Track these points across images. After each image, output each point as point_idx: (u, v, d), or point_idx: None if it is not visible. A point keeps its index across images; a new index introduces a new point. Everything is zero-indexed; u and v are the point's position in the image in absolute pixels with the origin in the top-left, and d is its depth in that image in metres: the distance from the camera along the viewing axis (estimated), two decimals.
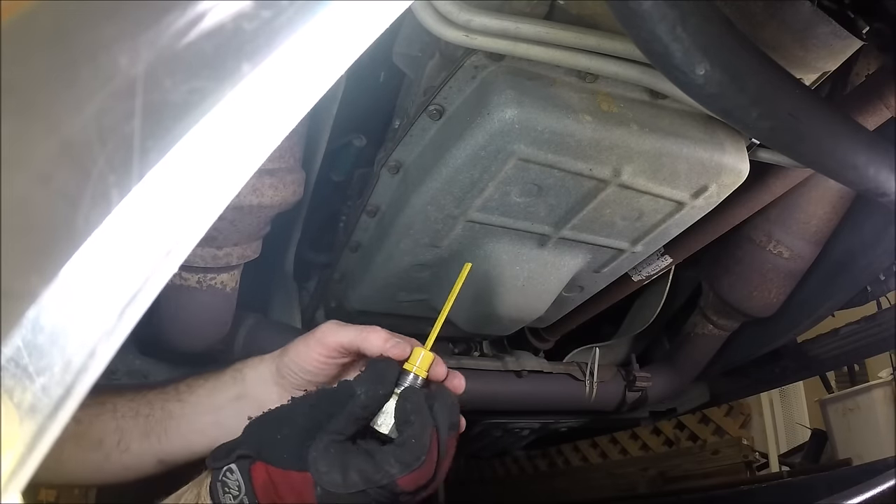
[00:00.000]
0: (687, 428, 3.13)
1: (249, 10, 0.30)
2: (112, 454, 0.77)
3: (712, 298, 1.38)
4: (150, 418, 0.78)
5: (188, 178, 0.29)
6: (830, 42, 0.72)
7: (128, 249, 0.28)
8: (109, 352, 0.28)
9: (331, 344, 0.73)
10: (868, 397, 2.56)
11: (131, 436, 0.77)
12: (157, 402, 0.80)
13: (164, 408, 0.79)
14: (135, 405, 0.79)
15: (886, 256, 1.19)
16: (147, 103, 0.28)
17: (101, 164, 0.27)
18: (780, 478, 2.21)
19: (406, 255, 0.98)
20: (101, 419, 0.78)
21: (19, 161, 0.28)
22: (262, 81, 0.29)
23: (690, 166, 0.83)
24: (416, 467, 0.60)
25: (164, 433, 0.78)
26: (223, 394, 0.79)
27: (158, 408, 0.79)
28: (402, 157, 0.91)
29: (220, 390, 0.80)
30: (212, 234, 0.85)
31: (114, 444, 0.77)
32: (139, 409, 0.79)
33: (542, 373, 1.39)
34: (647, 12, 0.46)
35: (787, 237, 1.20)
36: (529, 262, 0.99)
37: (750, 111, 0.53)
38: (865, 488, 0.83)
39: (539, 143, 0.75)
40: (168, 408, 0.79)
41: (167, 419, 0.78)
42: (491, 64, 0.75)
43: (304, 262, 1.29)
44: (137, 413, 0.79)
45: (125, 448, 0.77)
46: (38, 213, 0.28)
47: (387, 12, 0.32)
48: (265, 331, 1.12)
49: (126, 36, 0.29)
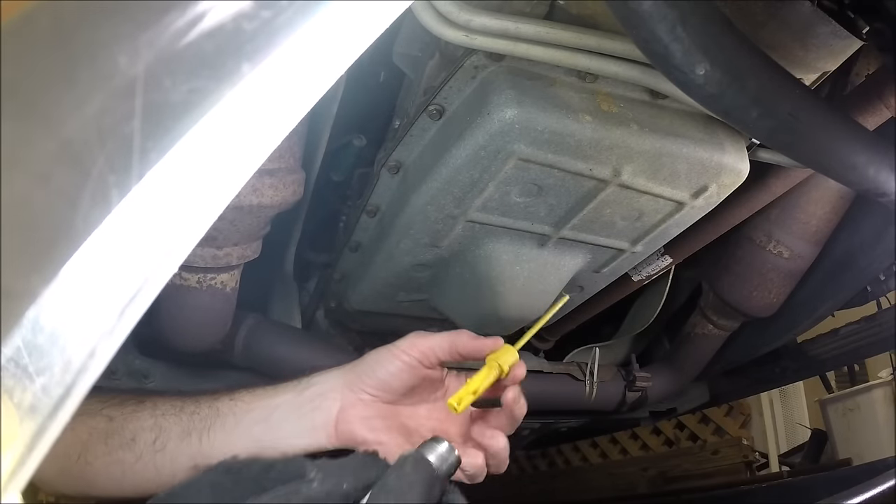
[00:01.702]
0: (687, 428, 3.13)
1: (249, 10, 0.30)
2: (145, 454, 0.71)
3: (712, 298, 1.38)
4: (195, 416, 0.72)
5: (188, 178, 0.29)
6: (830, 42, 0.72)
7: (128, 249, 0.28)
8: (109, 352, 0.28)
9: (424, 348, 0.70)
10: (868, 397, 2.56)
11: (169, 434, 0.71)
12: (206, 400, 0.73)
13: (212, 406, 0.73)
14: (179, 403, 0.73)
15: (886, 256, 1.19)
16: (147, 103, 0.28)
17: (101, 164, 0.27)
18: (780, 478, 2.21)
19: (406, 255, 0.98)
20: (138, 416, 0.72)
21: (19, 161, 0.28)
22: (262, 81, 0.29)
23: (690, 166, 0.83)
24: None
25: (207, 432, 0.71)
26: (282, 395, 0.73)
27: (206, 405, 0.73)
28: (402, 157, 0.91)
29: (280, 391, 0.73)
30: (212, 234, 0.85)
31: (149, 443, 0.71)
32: (184, 405, 0.73)
33: (542, 373, 1.39)
34: (647, 12, 0.46)
35: (787, 237, 1.20)
36: (529, 262, 0.99)
37: (750, 111, 0.53)
38: (865, 488, 0.83)
39: (539, 143, 0.75)
40: (216, 406, 0.73)
41: (213, 417, 0.72)
42: (491, 64, 0.75)
43: (304, 262, 1.29)
44: (182, 410, 0.73)
45: (161, 447, 0.71)
46: (38, 213, 0.28)
47: (387, 12, 0.32)
48: (265, 331, 1.12)
49: (126, 36, 0.29)
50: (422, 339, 0.70)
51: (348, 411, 0.71)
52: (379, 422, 0.72)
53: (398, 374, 0.70)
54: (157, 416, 0.72)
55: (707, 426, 3.13)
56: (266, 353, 1.11)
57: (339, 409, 0.71)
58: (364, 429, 0.70)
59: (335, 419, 0.71)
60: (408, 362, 0.70)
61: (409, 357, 0.70)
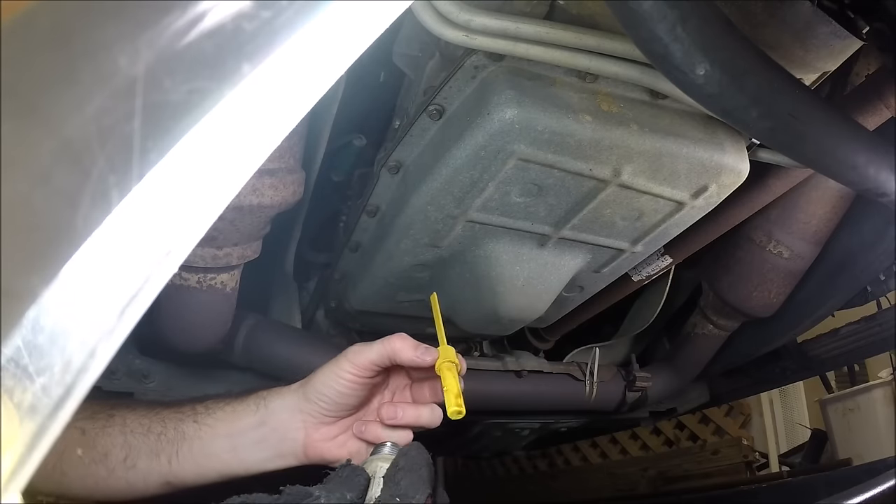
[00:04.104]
0: (687, 428, 3.13)
1: (249, 10, 0.30)
2: (117, 469, 0.74)
3: (712, 298, 1.38)
4: (162, 437, 0.75)
5: (188, 178, 0.29)
6: (830, 42, 0.72)
7: (128, 249, 0.28)
8: (109, 352, 0.28)
9: (362, 362, 0.72)
10: (868, 397, 2.56)
11: (139, 453, 0.74)
12: (172, 421, 0.76)
13: (177, 428, 0.76)
14: (147, 422, 0.76)
15: (886, 256, 1.19)
16: (147, 103, 0.28)
17: (101, 164, 0.27)
18: (780, 478, 2.21)
19: (406, 255, 0.98)
20: (108, 432, 0.75)
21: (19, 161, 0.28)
22: (262, 81, 0.29)
23: (690, 166, 0.83)
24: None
25: (176, 455, 0.75)
26: (244, 419, 0.76)
27: (172, 427, 0.76)
28: (402, 157, 0.91)
29: (241, 415, 0.76)
30: (212, 234, 0.85)
31: (120, 460, 0.74)
32: (151, 426, 0.76)
33: (542, 373, 1.39)
34: (647, 12, 0.46)
35: (787, 237, 1.20)
36: (529, 262, 0.99)
37: (750, 111, 0.53)
38: (865, 488, 0.83)
39: (539, 143, 0.75)
40: (182, 429, 0.76)
41: (180, 440, 0.75)
42: (491, 64, 0.75)
43: (304, 262, 1.29)
44: (149, 430, 0.75)
45: (131, 465, 0.74)
46: (38, 213, 0.28)
47: (387, 12, 0.32)
48: (265, 331, 1.12)
49: (126, 36, 0.29)
50: (359, 355, 0.72)
51: (313, 436, 0.75)
52: (343, 436, 0.77)
53: (348, 392, 0.74)
54: (127, 433, 0.75)
55: (707, 426, 3.13)
56: (266, 353, 1.11)
57: (304, 436, 0.75)
58: (333, 447, 0.75)
59: (303, 445, 0.75)
60: (352, 380, 0.73)
61: (352, 375, 0.73)
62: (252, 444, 0.75)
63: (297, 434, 0.75)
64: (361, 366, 0.72)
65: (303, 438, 0.75)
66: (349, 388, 0.73)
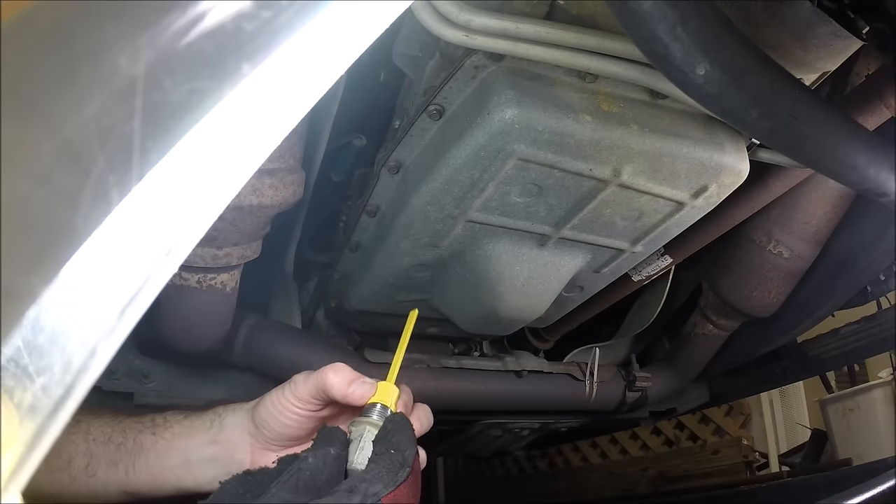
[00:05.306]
0: (687, 428, 3.13)
1: (249, 10, 0.30)
2: (79, 477, 0.74)
3: (712, 298, 1.38)
4: (122, 448, 0.75)
5: (188, 178, 0.29)
6: (830, 42, 0.72)
7: (128, 249, 0.28)
8: (109, 352, 0.28)
9: (302, 395, 0.69)
10: (868, 397, 2.56)
11: (99, 462, 0.74)
12: (132, 432, 0.76)
13: (136, 439, 0.75)
14: (108, 430, 0.76)
15: (886, 256, 1.19)
16: (147, 103, 0.28)
17: (101, 164, 0.27)
18: (780, 478, 2.22)
19: (406, 255, 0.98)
20: (72, 438, 0.75)
21: (19, 161, 0.28)
22: (262, 81, 0.29)
23: (690, 166, 0.83)
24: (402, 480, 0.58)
25: (133, 466, 0.74)
26: (198, 436, 0.75)
27: (131, 438, 0.75)
28: (402, 157, 0.91)
29: (196, 431, 0.75)
30: (212, 234, 0.85)
31: (81, 467, 0.74)
32: (112, 435, 0.76)
33: (542, 373, 1.39)
34: (647, 12, 0.46)
35: (787, 237, 1.20)
36: (529, 262, 0.99)
37: (750, 111, 0.53)
38: (865, 488, 0.83)
39: (539, 143, 0.75)
40: (140, 440, 0.75)
41: (138, 451, 0.75)
42: (491, 64, 0.75)
43: (304, 262, 1.29)
44: (109, 440, 0.75)
45: (92, 473, 0.74)
46: (38, 213, 0.28)
47: (387, 12, 0.32)
48: (265, 331, 1.12)
49: (126, 36, 0.29)
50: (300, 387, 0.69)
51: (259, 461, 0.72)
52: None
53: (292, 425, 0.71)
54: (90, 441, 0.75)
55: (707, 426, 3.13)
56: (266, 353, 1.11)
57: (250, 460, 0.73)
58: None
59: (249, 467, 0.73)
60: (296, 412, 0.70)
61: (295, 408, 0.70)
62: (204, 461, 0.74)
63: (243, 456, 0.73)
64: (303, 399, 0.69)
65: (249, 461, 0.73)
66: (294, 420, 0.70)
